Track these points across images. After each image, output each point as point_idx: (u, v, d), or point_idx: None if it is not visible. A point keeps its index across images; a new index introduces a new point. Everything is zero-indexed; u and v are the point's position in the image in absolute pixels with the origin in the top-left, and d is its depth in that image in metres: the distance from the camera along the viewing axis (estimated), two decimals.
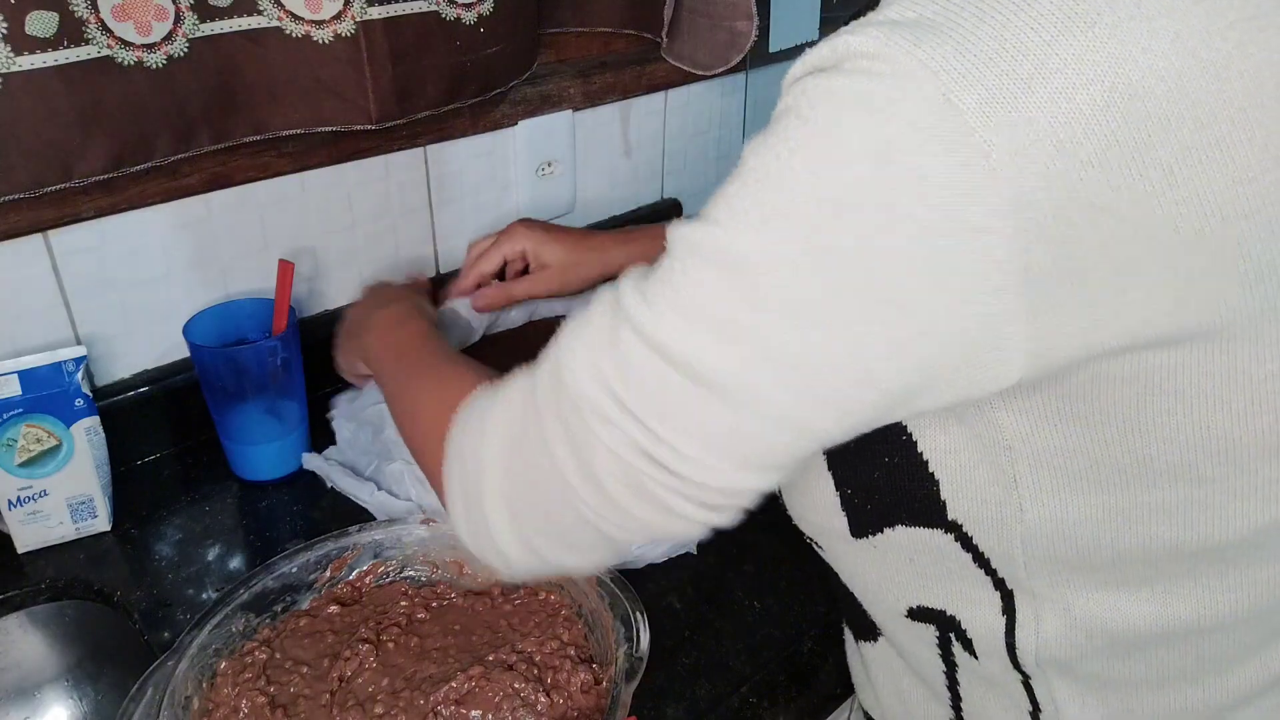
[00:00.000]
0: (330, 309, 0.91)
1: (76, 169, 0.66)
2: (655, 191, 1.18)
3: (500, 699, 0.55)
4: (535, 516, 0.45)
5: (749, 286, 0.37)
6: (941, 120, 0.33)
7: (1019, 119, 0.33)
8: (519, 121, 0.97)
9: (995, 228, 0.33)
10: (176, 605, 0.67)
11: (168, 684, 0.54)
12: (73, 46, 0.62)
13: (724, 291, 0.37)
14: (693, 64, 1.05)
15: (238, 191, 0.80)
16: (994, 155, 0.33)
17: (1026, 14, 0.33)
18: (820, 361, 0.37)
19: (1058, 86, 0.33)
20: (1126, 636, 0.46)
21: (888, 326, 0.36)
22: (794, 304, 0.36)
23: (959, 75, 0.33)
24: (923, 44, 0.34)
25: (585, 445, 0.41)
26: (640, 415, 0.39)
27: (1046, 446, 0.42)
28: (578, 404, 0.41)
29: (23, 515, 0.70)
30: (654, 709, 0.59)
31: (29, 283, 0.73)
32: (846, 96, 0.35)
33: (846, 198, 0.35)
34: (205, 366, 0.74)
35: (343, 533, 0.65)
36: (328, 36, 0.72)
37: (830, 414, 0.39)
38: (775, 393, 0.38)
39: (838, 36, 0.36)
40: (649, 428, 0.39)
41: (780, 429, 0.39)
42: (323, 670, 0.58)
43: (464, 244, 0.99)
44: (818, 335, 0.36)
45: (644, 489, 0.41)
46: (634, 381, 0.39)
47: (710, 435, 0.39)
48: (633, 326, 0.40)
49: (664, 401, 0.39)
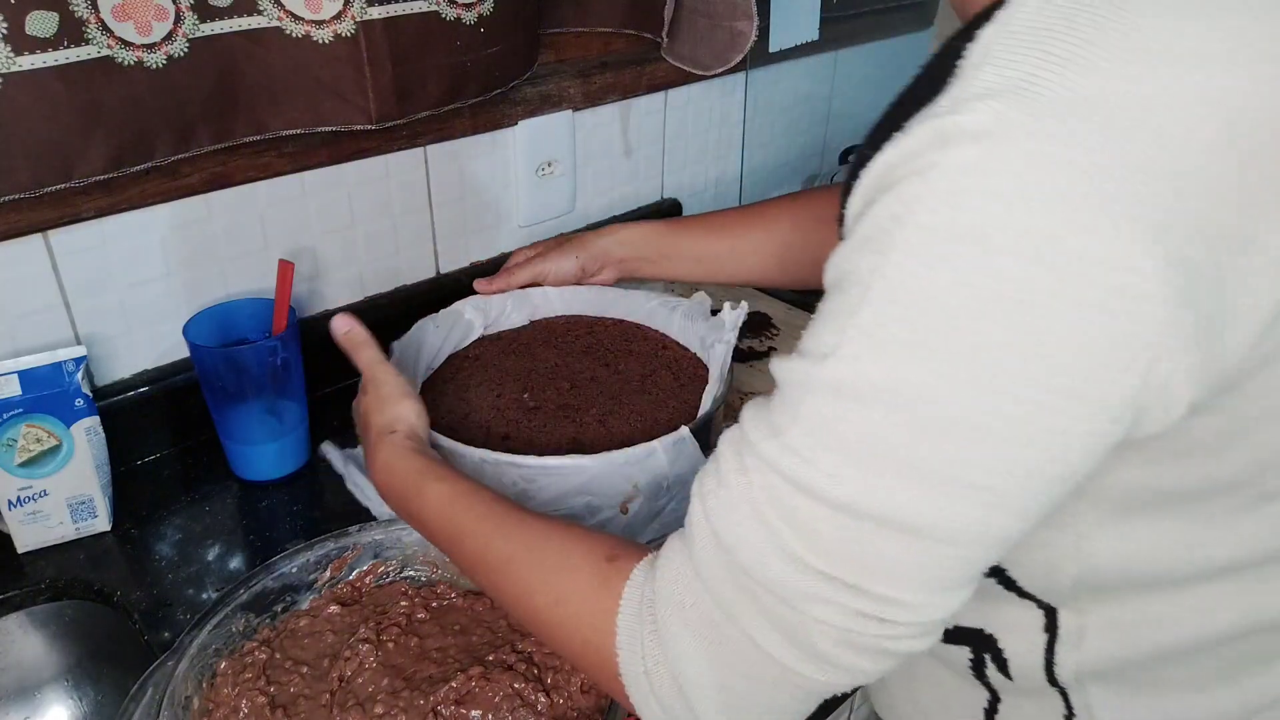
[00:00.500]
0: (330, 309, 0.91)
1: (76, 169, 0.66)
2: (655, 191, 1.18)
3: (500, 699, 0.55)
4: (753, 709, 0.43)
5: (919, 416, 0.35)
6: (1076, 190, 0.32)
7: (1153, 172, 0.32)
8: (519, 121, 0.97)
9: (1151, 291, 0.32)
10: (176, 605, 0.67)
11: (168, 684, 0.54)
12: (73, 46, 0.62)
13: (893, 429, 0.35)
14: (693, 64, 1.05)
15: (238, 191, 0.80)
16: (1138, 216, 0.32)
17: (1130, 57, 0.32)
18: (1012, 472, 0.35)
19: (1182, 128, 0.32)
20: (1171, 645, 0.46)
21: (1072, 419, 0.34)
22: (971, 422, 0.34)
23: (1083, 139, 0.32)
24: (1037, 112, 0.32)
25: (799, 628, 0.39)
26: (849, 580, 0.37)
27: (1117, 482, 0.41)
28: (776, 591, 0.39)
29: (23, 515, 0.70)
30: None
31: (29, 283, 0.73)
32: (970, 188, 0.33)
33: (1001, 297, 0.33)
34: (205, 366, 0.74)
35: (343, 533, 0.65)
36: (328, 36, 0.72)
37: (1030, 518, 0.37)
38: (974, 514, 0.36)
39: (934, 120, 0.33)
40: (860, 589, 0.37)
41: (984, 547, 0.37)
42: (323, 670, 0.58)
43: (464, 244, 0.99)
44: (1005, 449, 0.35)
45: (864, 644, 0.39)
46: (829, 549, 0.37)
47: (920, 574, 0.37)
48: (806, 492, 0.37)
49: (867, 558, 0.37)
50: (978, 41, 0.35)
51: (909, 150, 0.34)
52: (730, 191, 1.29)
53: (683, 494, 0.70)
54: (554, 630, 0.48)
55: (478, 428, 0.75)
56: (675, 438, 0.68)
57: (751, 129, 1.27)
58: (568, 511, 0.66)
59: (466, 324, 0.86)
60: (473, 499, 0.55)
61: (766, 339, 0.99)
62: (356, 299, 0.93)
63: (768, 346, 0.98)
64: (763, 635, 0.40)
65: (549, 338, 0.88)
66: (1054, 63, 0.33)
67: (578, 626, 0.46)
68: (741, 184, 1.31)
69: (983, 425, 0.34)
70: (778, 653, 0.40)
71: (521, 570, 0.50)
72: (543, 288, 0.92)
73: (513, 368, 0.83)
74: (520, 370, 0.83)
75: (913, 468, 0.35)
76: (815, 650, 0.39)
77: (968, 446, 0.35)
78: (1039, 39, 0.33)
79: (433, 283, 0.97)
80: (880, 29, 1.41)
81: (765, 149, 1.31)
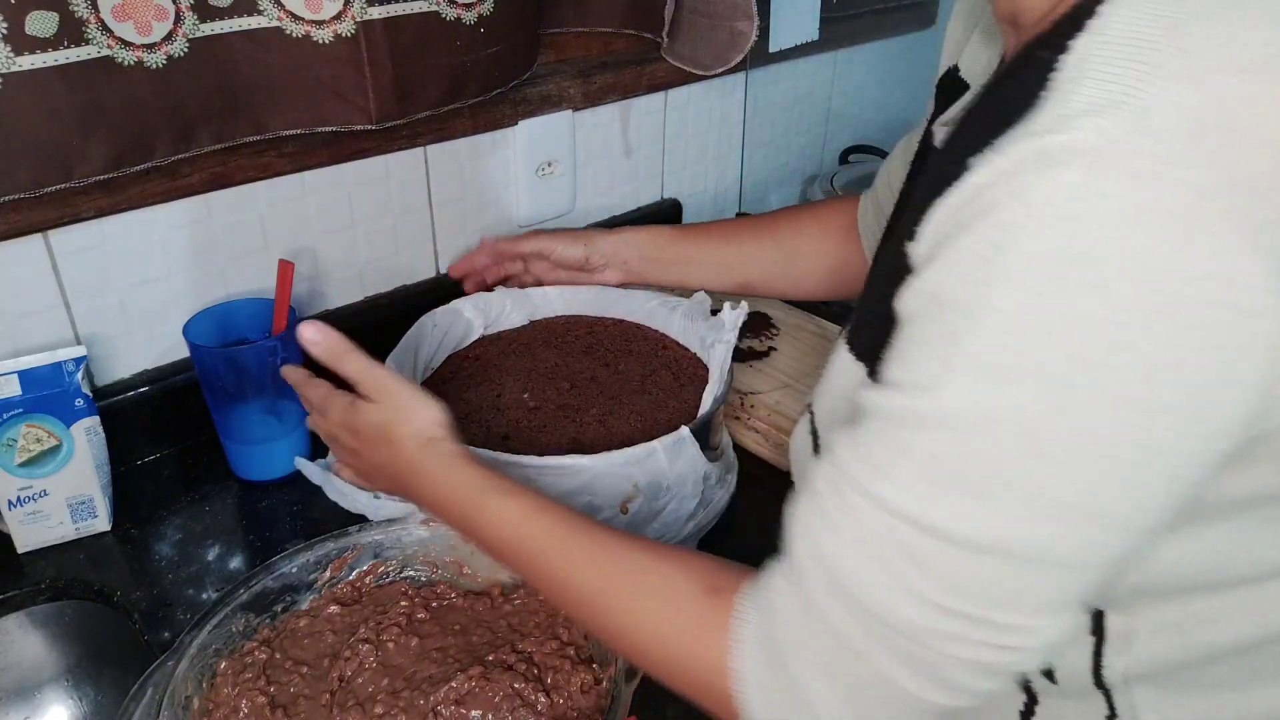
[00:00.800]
0: (330, 309, 0.91)
1: (76, 169, 0.66)
2: (655, 191, 1.18)
3: (500, 699, 0.55)
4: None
5: (1039, 445, 0.34)
6: (1189, 209, 0.31)
7: (1264, 186, 0.31)
8: (519, 121, 0.97)
9: (1267, 305, 0.32)
10: (176, 605, 0.67)
11: (168, 684, 0.54)
12: (73, 46, 0.62)
13: (1013, 460, 0.35)
14: (693, 64, 1.05)
15: (238, 191, 0.80)
16: (1251, 231, 0.31)
17: (1233, 68, 0.31)
18: (1135, 495, 0.35)
19: None
20: (1223, 645, 0.46)
21: (1193, 438, 0.34)
22: (1093, 448, 0.34)
23: (1193, 155, 0.31)
24: (1143, 129, 0.31)
25: (933, 664, 0.39)
26: (976, 613, 0.37)
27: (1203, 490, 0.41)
28: (906, 633, 0.38)
29: (23, 515, 0.70)
30: (654, 709, 0.59)
31: (29, 283, 0.73)
32: (1079, 212, 0.32)
33: (1118, 322, 0.33)
34: (205, 366, 0.74)
35: (343, 533, 0.65)
36: (328, 36, 0.72)
37: (1147, 535, 0.37)
38: (1097, 538, 0.36)
39: (1032, 140, 0.33)
40: (988, 620, 0.37)
41: (1103, 567, 0.38)
42: (323, 670, 0.58)
43: (464, 244, 0.99)
44: (1128, 473, 0.35)
45: (993, 670, 0.39)
46: (956, 585, 0.37)
47: (1043, 599, 0.37)
48: (928, 532, 0.37)
49: (993, 589, 0.37)
50: (1071, 53, 0.34)
51: (1003, 171, 0.33)
52: (730, 191, 1.29)
53: (682, 494, 0.70)
54: (661, 669, 0.47)
55: (478, 428, 0.75)
56: (675, 438, 0.68)
57: (751, 129, 1.27)
58: None
59: (466, 323, 0.86)
60: (548, 518, 0.52)
61: (766, 339, 0.99)
62: (356, 299, 0.93)
63: (768, 346, 0.98)
64: (894, 671, 0.39)
65: (549, 338, 0.88)
66: (1157, 76, 0.32)
67: (687, 669, 0.46)
68: (741, 184, 1.30)
69: (1105, 450, 0.34)
70: (910, 685, 0.39)
71: (616, 604, 0.48)
72: (543, 288, 0.92)
73: (513, 368, 0.83)
74: (520, 370, 0.83)
75: (1036, 498, 0.35)
76: (946, 680, 0.39)
77: (1090, 472, 0.34)
78: (1139, 50, 0.32)
79: (433, 283, 0.97)
80: (880, 29, 1.41)
81: (765, 149, 1.31)
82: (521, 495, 0.54)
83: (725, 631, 0.44)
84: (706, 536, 0.73)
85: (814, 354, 0.97)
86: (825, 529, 0.40)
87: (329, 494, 0.74)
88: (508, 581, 0.65)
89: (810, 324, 1.02)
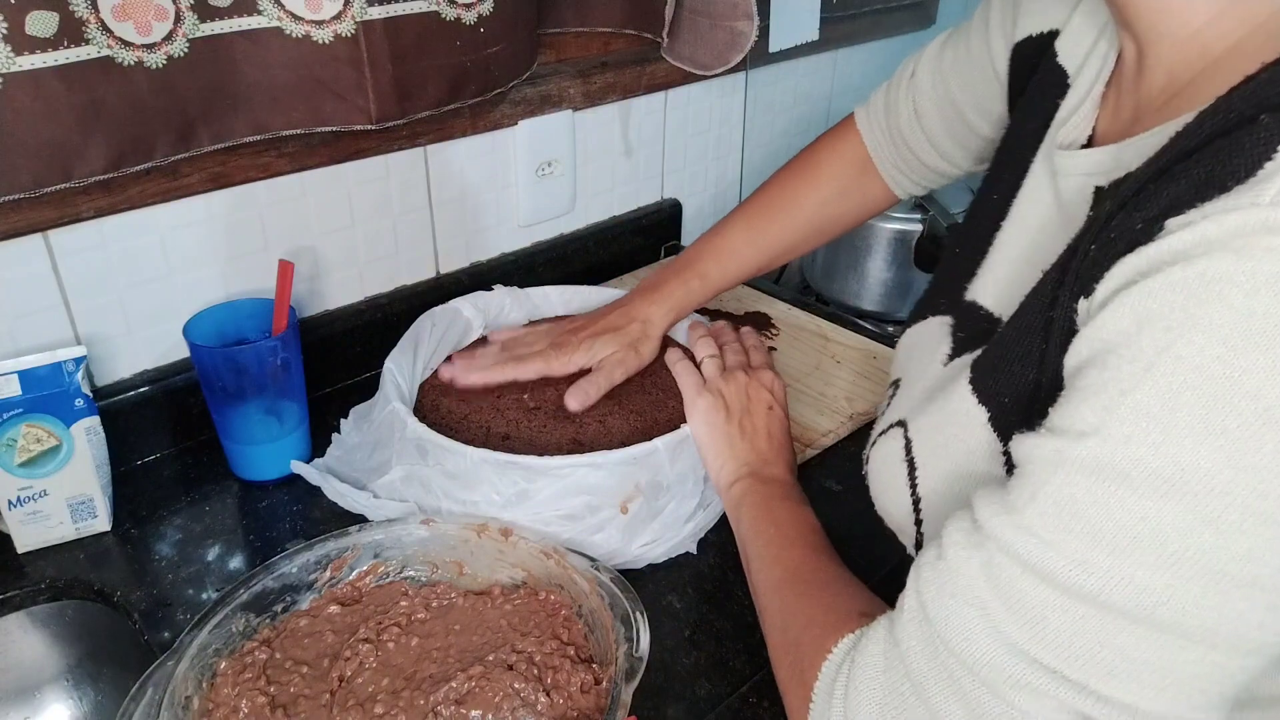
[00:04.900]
0: (330, 309, 0.91)
1: (76, 169, 0.66)
2: (655, 191, 1.18)
3: (500, 699, 0.55)
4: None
5: (1203, 506, 0.32)
6: None
7: None
8: (519, 121, 0.97)
9: None
10: (176, 605, 0.67)
11: (168, 684, 0.54)
12: (73, 46, 0.62)
13: (1167, 517, 0.33)
14: (693, 64, 1.05)
15: (238, 191, 0.80)
16: None
17: None
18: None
19: None
20: None
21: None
22: (1265, 514, 0.32)
23: None
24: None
25: (996, 716, 0.36)
26: (1073, 676, 0.34)
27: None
28: (979, 673, 0.36)
29: (23, 515, 0.70)
30: (654, 709, 0.59)
31: (29, 283, 0.73)
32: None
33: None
34: (205, 366, 0.74)
35: (343, 533, 0.65)
36: (327, 36, 0.72)
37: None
38: (1253, 616, 0.33)
39: (1258, 211, 0.31)
40: (1087, 688, 0.34)
41: (1249, 655, 0.34)
42: (323, 670, 0.58)
43: (464, 244, 0.99)
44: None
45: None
46: (1057, 640, 0.35)
47: (1166, 679, 0.34)
48: (1038, 576, 0.35)
49: (1106, 655, 0.34)
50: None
51: (1211, 239, 0.32)
52: (730, 191, 1.29)
53: (682, 494, 0.70)
54: (778, 667, 0.53)
55: (478, 428, 0.75)
56: (676, 437, 0.69)
57: (751, 129, 1.27)
58: (567, 512, 0.66)
59: (465, 322, 0.86)
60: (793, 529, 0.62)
61: (766, 339, 0.99)
62: (356, 299, 0.93)
63: (768, 346, 0.98)
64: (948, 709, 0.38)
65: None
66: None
67: (793, 673, 0.50)
68: (741, 184, 1.31)
69: (1274, 516, 0.32)
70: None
71: (794, 588, 0.55)
72: (542, 287, 0.92)
73: None
74: None
75: (1187, 560, 0.33)
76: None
77: (1259, 540, 0.32)
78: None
79: (433, 283, 0.97)
80: (880, 29, 1.41)
81: (765, 149, 1.31)
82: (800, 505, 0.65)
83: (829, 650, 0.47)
84: (706, 537, 0.73)
85: (814, 354, 0.97)
86: (935, 560, 0.40)
87: (328, 494, 0.74)
88: (507, 581, 0.65)
89: (810, 324, 1.02)
